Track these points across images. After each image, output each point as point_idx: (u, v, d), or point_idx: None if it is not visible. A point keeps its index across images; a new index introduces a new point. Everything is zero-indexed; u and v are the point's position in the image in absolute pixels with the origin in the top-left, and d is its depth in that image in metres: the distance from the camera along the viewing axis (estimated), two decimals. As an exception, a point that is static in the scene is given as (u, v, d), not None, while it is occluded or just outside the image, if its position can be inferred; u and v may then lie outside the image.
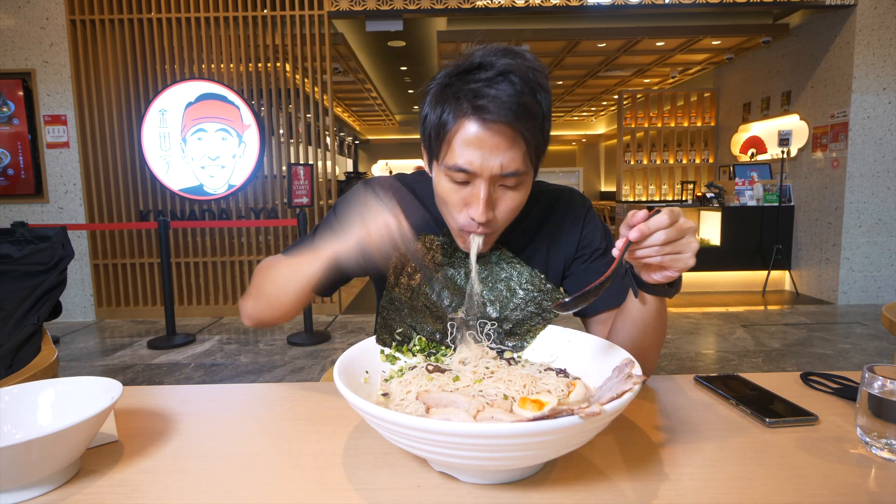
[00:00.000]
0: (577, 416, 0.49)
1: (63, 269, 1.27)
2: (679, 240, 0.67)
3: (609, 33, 5.38)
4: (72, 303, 4.53)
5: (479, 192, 0.76)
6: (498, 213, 0.79)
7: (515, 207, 0.80)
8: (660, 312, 0.78)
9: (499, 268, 0.86)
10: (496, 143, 0.73)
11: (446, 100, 0.75)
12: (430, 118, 0.78)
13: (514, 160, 0.74)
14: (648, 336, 0.79)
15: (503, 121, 0.72)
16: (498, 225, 0.81)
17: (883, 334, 3.71)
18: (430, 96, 0.79)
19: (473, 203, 0.77)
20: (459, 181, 0.77)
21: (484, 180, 0.75)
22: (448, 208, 0.81)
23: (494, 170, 0.74)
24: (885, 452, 0.61)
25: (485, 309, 0.84)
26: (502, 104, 0.71)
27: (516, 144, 0.74)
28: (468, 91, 0.73)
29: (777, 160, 5.33)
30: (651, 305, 0.76)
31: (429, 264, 0.87)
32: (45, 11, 4.26)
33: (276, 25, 4.39)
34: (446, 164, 0.77)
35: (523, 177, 0.77)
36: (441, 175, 0.80)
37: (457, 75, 0.76)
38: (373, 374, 0.75)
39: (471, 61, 0.75)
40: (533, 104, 0.73)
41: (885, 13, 4.36)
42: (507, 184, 0.77)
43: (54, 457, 0.56)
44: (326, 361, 3.31)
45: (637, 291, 0.75)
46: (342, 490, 0.57)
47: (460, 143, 0.74)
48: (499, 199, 0.78)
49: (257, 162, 4.31)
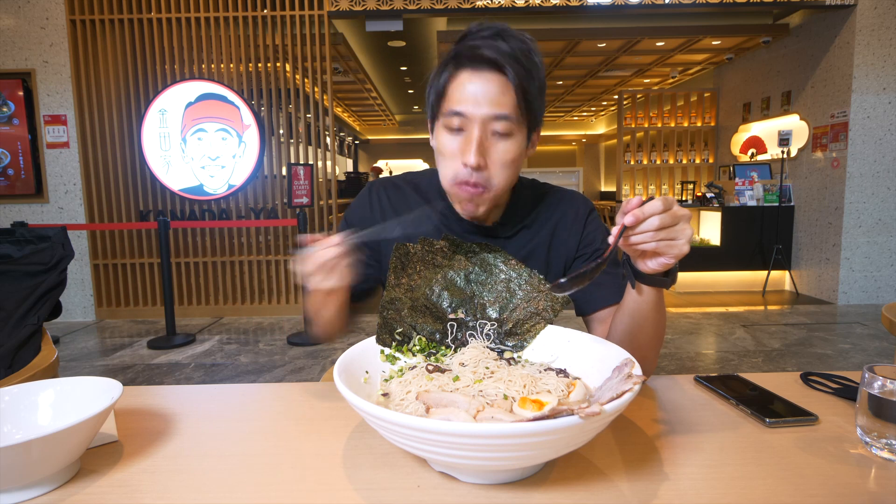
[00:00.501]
0: (577, 416, 0.49)
1: (63, 269, 1.27)
2: (673, 225, 0.67)
3: (609, 33, 5.38)
4: (72, 303, 4.53)
5: (471, 135, 0.80)
6: (490, 163, 0.81)
7: (508, 161, 0.82)
8: (657, 306, 0.78)
9: (498, 269, 0.87)
10: (488, 88, 0.78)
11: (447, 61, 0.83)
12: (434, 85, 0.85)
13: (505, 105, 0.79)
14: (646, 331, 0.80)
15: (494, 68, 0.78)
16: (490, 178, 0.82)
17: (883, 334, 3.71)
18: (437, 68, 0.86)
19: (466, 148, 0.80)
20: (454, 127, 0.81)
21: (476, 123, 0.79)
22: (444, 161, 0.84)
23: (485, 111, 0.79)
24: (885, 452, 0.61)
25: (485, 309, 0.85)
26: (496, 52, 0.78)
27: (506, 90, 0.79)
28: (466, 48, 0.80)
29: (777, 160, 5.33)
30: (648, 297, 0.77)
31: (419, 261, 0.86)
32: (45, 11, 4.26)
33: (276, 25, 4.39)
34: (443, 114, 0.82)
35: (514, 126, 0.81)
36: (440, 129, 0.84)
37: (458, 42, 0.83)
38: (373, 374, 0.75)
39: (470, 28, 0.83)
40: (526, 60, 0.79)
41: (885, 13, 4.36)
42: (498, 129, 0.80)
43: (54, 457, 0.56)
44: (326, 361, 3.31)
45: (634, 282, 0.76)
46: (342, 490, 0.57)
47: (455, 90, 0.81)
48: (490, 147, 0.81)
49: (257, 162, 4.31)
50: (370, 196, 1.00)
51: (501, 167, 0.82)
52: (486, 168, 0.81)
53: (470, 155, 0.79)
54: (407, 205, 0.98)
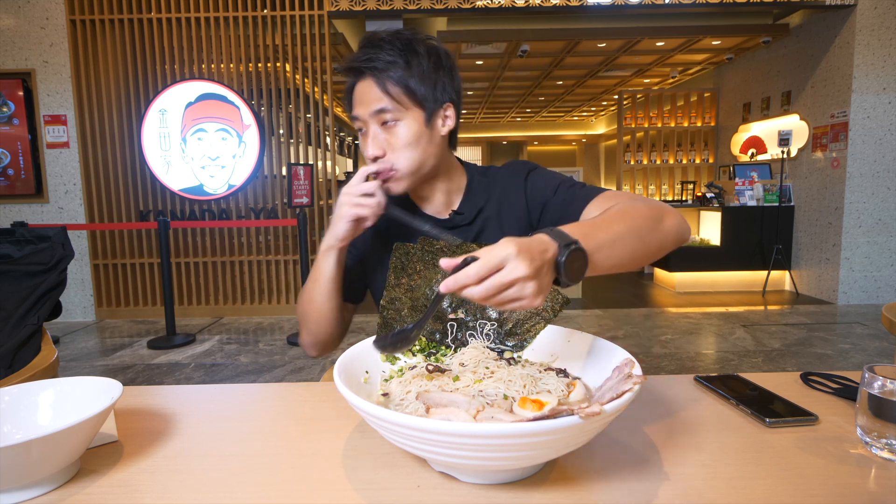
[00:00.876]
0: (577, 416, 0.49)
1: (63, 269, 1.27)
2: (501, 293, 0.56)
3: (609, 33, 5.38)
4: (72, 303, 4.53)
5: (367, 131, 0.92)
6: (389, 149, 0.91)
7: (405, 144, 0.91)
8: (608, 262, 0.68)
9: (498, 269, 0.87)
10: (363, 91, 0.91)
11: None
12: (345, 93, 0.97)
13: (380, 100, 0.89)
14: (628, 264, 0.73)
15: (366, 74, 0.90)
16: (396, 162, 0.91)
17: (883, 334, 3.71)
18: None
19: (364, 144, 0.92)
20: (359, 131, 0.93)
21: (366, 122, 0.91)
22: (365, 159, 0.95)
23: (368, 110, 0.90)
24: (885, 452, 0.61)
25: (484, 309, 0.85)
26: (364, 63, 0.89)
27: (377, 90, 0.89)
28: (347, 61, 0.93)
29: (777, 160, 5.33)
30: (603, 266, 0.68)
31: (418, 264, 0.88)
32: (45, 11, 4.27)
33: (276, 25, 4.39)
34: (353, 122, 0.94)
35: (397, 114, 0.90)
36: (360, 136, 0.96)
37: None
38: (373, 374, 0.75)
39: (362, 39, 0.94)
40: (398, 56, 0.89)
41: (885, 13, 4.36)
42: (386, 119, 0.90)
43: (54, 457, 0.56)
44: (326, 361, 3.31)
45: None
46: (342, 490, 0.57)
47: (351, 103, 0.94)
48: (387, 137, 0.91)
49: (257, 162, 4.31)
50: None
51: (401, 149, 0.91)
52: (384, 155, 0.91)
53: (367, 149, 0.91)
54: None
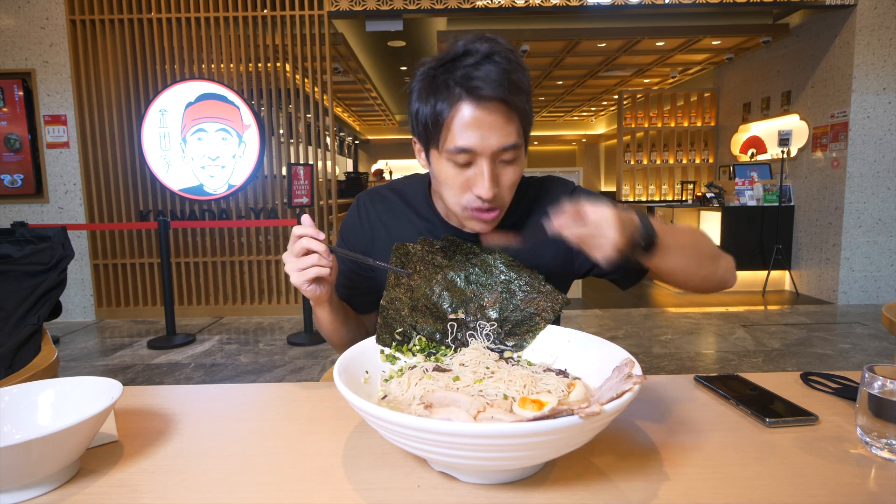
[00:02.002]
0: (577, 416, 0.49)
1: (63, 269, 1.27)
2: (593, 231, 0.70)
3: (609, 33, 5.38)
4: (72, 303, 4.53)
5: (482, 170, 0.79)
6: (501, 188, 0.82)
7: (516, 181, 0.84)
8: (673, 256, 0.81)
9: (498, 270, 0.87)
10: (493, 121, 0.77)
11: (437, 89, 0.79)
12: (423, 111, 0.81)
13: (511, 134, 0.78)
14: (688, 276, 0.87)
15: (497, 98, 0.76)
16: (503, 201, 0.85)
17: (883, 334, 3.71)
18: (418, 91, 0.83)
19: (478, 182, 0.80)
20: (461, 163, 0.80)
21: (486, 158, 0.79)
22: (452, 192, 0.83)
23: (494, 146, 0.78)
24: (885, 452, 0.61)
25: (484, 310, 0.85)
26: (493, 82, 0.75)
27: (511, 119, 0.78)
28: (458, 77, 0.77)
29: (777, 160, 5.33)
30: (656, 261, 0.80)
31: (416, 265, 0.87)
32: (45, 11, 4.26)
33: (276, 25, 4.39)
34: (447, 149, 0.80)
35: (519, 150, 0.81)
36: (442, 161, 0.82)
37: (442, 66, 0.79)
38: (373, 374, 0.75)
39: (454, 51, 0.79)
40: (519, 79, 0.78)
41: (885, 13, 4.37)
42: (506, 158, 0.81)
43: (54, 457, 0.56)
44: (326, 361, 3.31)
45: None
46: (342, 490, 0.57)
47: (459, 127, 0.77)
48: (500, 174, 0.82)
49: (257, 162, 4.31)
50: (359, 210, 1.02)
51: (509, 189, 0.84)
52: (499, 195, 0.83)
53: (485, 190, 0.79)
54: (393, 213, 1.00)
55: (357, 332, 1.00)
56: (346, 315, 0.96)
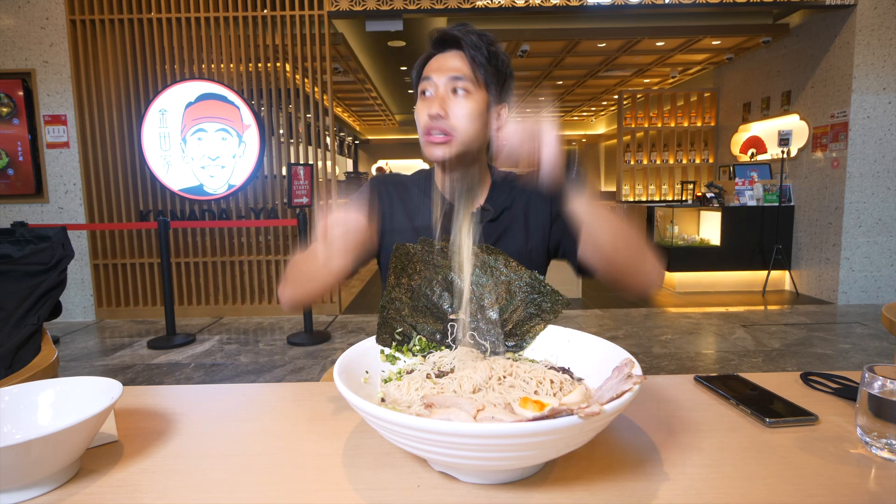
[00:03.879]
0: (576, 416, 0.49)
1: (63, 269, 1.27)
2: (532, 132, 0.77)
3: (609, 33, 5.38)
4: (72, 303, 4.53)
5: (433, 92, 0.96)
6: (452, 114, 0.94)
7: (467, 114, 0.95)
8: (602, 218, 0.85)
9: (498, 271, 0.87)
10: (444, 60, 0.97)
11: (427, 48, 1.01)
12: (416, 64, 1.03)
13: (461, 69, 0.95)
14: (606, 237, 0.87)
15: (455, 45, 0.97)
16: (454, 128, 0.95)
17: (883, 334, 3.71)
18: None
19: (431, 102, 0.95)
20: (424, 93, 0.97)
21: (439, 84, 0.95)
22: (418, 123, 0.98)
23: (445, 73, 0.95)
24: (885, 452, 0.61)
25: (485, 311, 0.85)
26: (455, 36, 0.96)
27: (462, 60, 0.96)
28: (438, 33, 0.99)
29: (777, 160, 5.33)
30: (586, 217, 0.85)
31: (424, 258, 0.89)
32: (45, 11, 4.26)
33: (276, 25, 4.39)
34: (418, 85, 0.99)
35: (470, 85, 0.95)
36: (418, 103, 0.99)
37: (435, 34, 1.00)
38: (373, 375, 0.75)
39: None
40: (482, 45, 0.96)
41: (885, 13, 4.36)
42: (458, 87, 0.95)
43: (54, 457, 0.56)
44: (326, 361, 3.31)
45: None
46: (342, 490, 0.57)
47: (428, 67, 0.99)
48: (452, 103, 0.95)
49: (257, 162, 4.31)
50: (377, 187, 1.10)
51: (462, 118, 0.95)
52: (447, 118, 0.94)
53: (433, 106, 0.94)
54: (410, 195, 1.09)
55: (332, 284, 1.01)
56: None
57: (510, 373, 0.69)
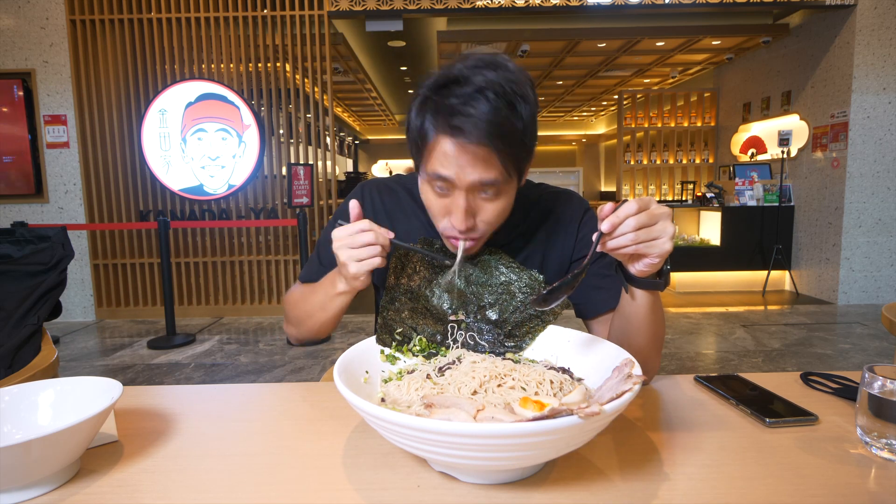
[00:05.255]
0: (576, 416, 0.49)
1: (63, 269, 1.27)
2: (651, 225, 0.67)
3: (609, 33, 5.37)
4: (72, 303, 4.53)
5: (457, 202, 0.78)
6: (479, 221, 0.81)
7: (497, 215, 0.81)
8: (652, 309, 0.77)
9: (498, 272, 0.87)
10: (471, 160, 0.74)
11: (426, 112, 0.76)
12: (413, 126, 0.80)
13: (490, 173, 0.75)
14: (643, 335, 0.79)
15: (477, 142, 0.72)
16: (482, 231, 0.82)
17: (883, 334, 3.71)
18: (415, 105, 0.80)
19: (454, 212, 0.79)
20: (440, 189, 0.79)
21: (461, 190, 0.77)
22: (433, 214, 0.84)
23: (471, 181, 0.75)
24: (885, 452, 0.61)
25: (484, 311, 0.85)
26: (477, 124, 0.71)
27: (492, 160, 0.74)
28: (445, 107, 0.73)
29: (777, 160, 5.33)
30: (642, 301, 0.76)
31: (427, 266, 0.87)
32: (45, 11, 4.26)
33: (276, 25, 4.39)
34: (427, 172, 0.79)
35: (502, 186, 0.78)
36: (424, 182, 0.82)
37: (436, 89, 0.76)
38: (373, 375, 0.75)
39: (449, 74, 0.75)
40: (510, 119, 0.73)
41: (885, 13, 4.36)
42: (486, 193, 0.78)
43: (54, 457, 0.56)
44: (326, 361, 3.31)
45: (626, 286, 0.76)
46: (342, 490, 0.57)
47: (438, 157, 0.76)
48: (479, 208, 0.80)
49: (257, 162, 4.31)
50: (363, 196, 1.00)
51: (489, 223, 0.82)
52: (475, 226, 0.81)
53: (459, 221, 0.78)
54: (401, 208, 0.99)
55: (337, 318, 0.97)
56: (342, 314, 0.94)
57: (510, 373, 0.69)
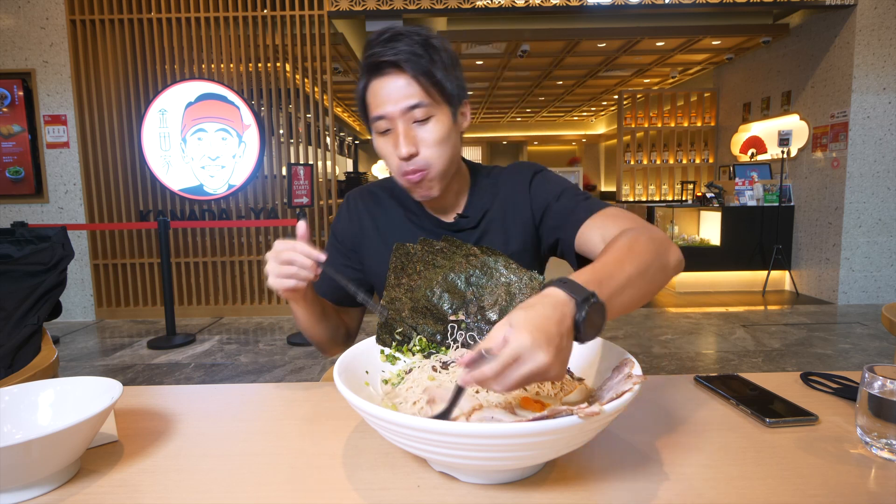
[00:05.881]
0: (576, 416, 0.49)
1: (63, 269, 1.27)
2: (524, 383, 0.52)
3: (609, 33, 5.38)
4: (72, 303, 4.53)
5: (396, 131, 0.87)
6: (422, 147, 0.87)
7: (436, 140, 0.88)
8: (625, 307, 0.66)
9: (498, 272, 0.87)
10: (396, 87, 0.85)
11: (360, 74, 0.89)
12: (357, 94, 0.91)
13: (413, 95, 0.85)
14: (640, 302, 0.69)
15: (396, 72, 0.84)
16: (429, 161, 0.88)
17: (883, 334, 3.71)
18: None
19: (396, 142, 0.87)
20: (383, 131, 0.88)
21: (396, 119, 0.86)
22: (387, 161, 0.90)
23: (401, 109, 0.85)
24: (885, 452, 0.61)
25: (484, 312, 0.85)
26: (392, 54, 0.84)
27: (412, 86, 0.85)
28: (370, 57, 0.86)
29: (777, 160, 5.33)
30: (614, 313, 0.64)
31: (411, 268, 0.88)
32: (45, 11, 4.26)
33: (276, 25, 4.39)
34: (372, 124, 0.89)
35: (430, 109, 0.86)
36: (375, 136, 0.91)
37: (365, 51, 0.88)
38: (373, 374, 0.75)
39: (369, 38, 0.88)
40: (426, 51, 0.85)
41: (885, 13, 4.36)
42: (417, 117, 0.86)
43: (54, 457, 0.56)
44: (326, 361, 3.31)
45: None
46: (342, 490, 0.57)
47: (372, 98, 0.87)
48: (417, 135, 0.87)
49: (257, 162, 4.31)
50: (348, 208, 1.06)
51: (433, 147, 0.88)
52: (418, 153, 0.87)
53: (400, 148, 0.86)
54: (382, 207, 1.04)
55: (336, 329, 1.01)
56: (323, 312, 0.96)
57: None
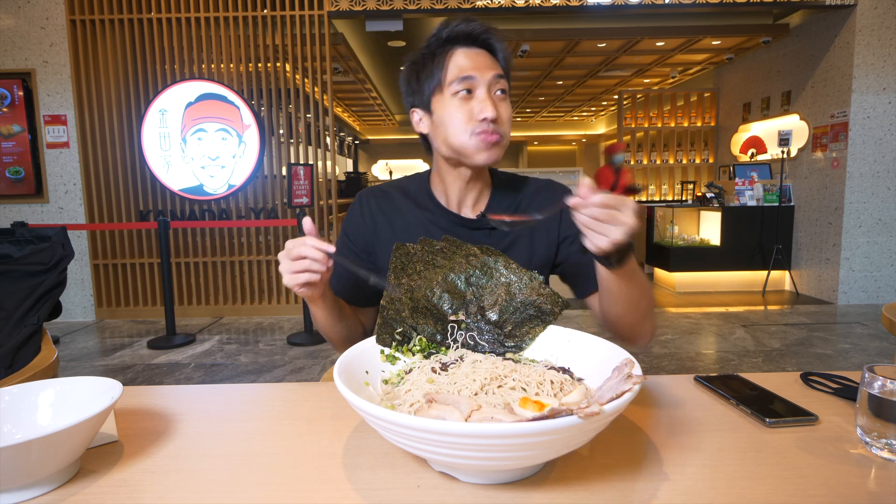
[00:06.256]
0: (576, 416, 0.49)
1: (63, 269, 1.27)
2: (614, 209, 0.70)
3: (609, 33, 5.38)
4: (72, 303, 4.53)
5: (483, 94, 0.91)
6: (500, 118, 0.92)
7: (509, 118, 0.95)
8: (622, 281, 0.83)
9: (498, 273, 0.87)
10: (483, 59, 0.92)
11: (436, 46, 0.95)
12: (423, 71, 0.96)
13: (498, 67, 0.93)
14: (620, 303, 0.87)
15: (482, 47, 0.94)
16: (503, 133, 0.92)
17: (883, 334, 3.71)
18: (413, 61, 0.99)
19: (481, 105, 0.90)
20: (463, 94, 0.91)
21: (484, 84, 0.91)
22: (460, 124, 0.92)
23: (490, 77, 0.91)
24: (885, 452, 0.61)
25: (484, 312, 0.85)
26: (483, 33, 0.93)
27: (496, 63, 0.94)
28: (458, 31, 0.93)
29: (777, 160, 5.33)
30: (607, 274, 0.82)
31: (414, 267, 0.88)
32: (45, 11, 4.26)
33: (276, 25, 4.39)
34: (451, 82, 0.91)
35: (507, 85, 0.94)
36: (446, 100, 0.93)
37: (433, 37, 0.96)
38: (373, 374, 0.75)
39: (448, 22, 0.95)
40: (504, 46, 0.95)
41: (885, 13, 4.36)
42: (499, 90, 0.92)
43: (54, 457, 0.56)
44: (326, 361, 3.31)
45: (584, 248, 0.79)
46: (342, 490, 0.57)
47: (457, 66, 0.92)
48: (497, 105, 0.92)
49: (257, 162, 4.31)
50: (360, 206, 1.06)
51: (506, 122, 0.93)
52: (499, 121, 0.91)
53: (489, 109, 0.89)
54: (396, 208, 1.04)
55: (354, 328, 1.02)
56: (340, 312, 0.97)
57: (510, 374, 0.69)
